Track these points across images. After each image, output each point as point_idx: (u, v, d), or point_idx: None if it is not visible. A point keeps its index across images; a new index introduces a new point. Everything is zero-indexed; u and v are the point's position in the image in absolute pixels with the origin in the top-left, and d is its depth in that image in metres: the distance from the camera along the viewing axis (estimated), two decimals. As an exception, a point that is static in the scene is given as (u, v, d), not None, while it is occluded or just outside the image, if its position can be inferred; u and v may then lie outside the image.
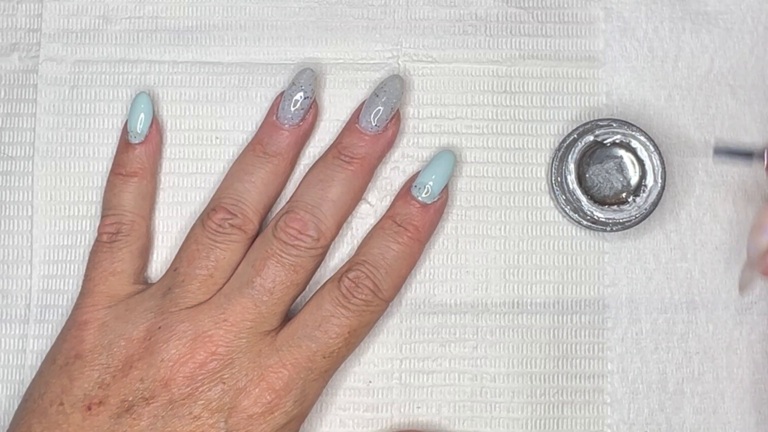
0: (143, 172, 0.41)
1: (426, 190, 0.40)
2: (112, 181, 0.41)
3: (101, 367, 0.38)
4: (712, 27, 0.43)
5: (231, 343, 0.38)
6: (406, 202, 0.40)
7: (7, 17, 0.44)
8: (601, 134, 0.41)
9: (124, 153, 0.41)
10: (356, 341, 0.40)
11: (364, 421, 0.42)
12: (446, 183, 0.41)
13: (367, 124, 0.40)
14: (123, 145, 0.42)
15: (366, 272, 0.39)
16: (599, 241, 0.42)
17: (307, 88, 0.41)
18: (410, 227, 0.40)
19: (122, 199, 0.41)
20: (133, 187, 0.41)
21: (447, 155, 0.41)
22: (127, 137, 0.41)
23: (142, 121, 0.41)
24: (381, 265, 0.39)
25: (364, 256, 0.40)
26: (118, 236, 0.40)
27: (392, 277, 0.40)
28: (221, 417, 0.38)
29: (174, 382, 0.38)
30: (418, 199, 0.40)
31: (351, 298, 0.39)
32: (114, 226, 0.41)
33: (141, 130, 0.41)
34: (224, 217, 0.40)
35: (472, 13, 0.44)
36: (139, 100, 0.41)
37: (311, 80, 0.41)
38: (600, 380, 0.42)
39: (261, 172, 0.40)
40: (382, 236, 0.40)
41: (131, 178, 0.41)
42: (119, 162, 0.41)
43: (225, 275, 0.40)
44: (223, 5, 0.44)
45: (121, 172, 0.41)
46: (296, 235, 0.39)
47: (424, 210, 0.40)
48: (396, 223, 0.40)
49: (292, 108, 0.40)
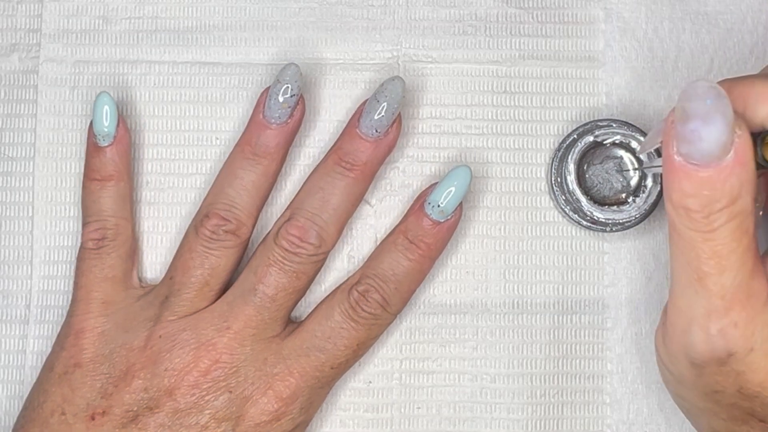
0: (119, 174, 0.40)
1: (439, 208, 0.39)
2: (88, 187, 0.40)
3: (103, 376, 0.38)
4: (712, 27, 0.43)
5: (235, 351, 0.38)
6: (418, 218, 0.40)
7: (7, 17, 0.44)
8: (601, 134, 0.41)
9: (95, 157, 0.40)
10: (363, 352, 0.40)
11: (364, 421, 0.42)
12: (461, 200, 0.39)
13: (368, 129, 0.39)
14: (92, 149, 0.40)
15: (375, 286, 0.39)
16: (599, 241, 0.42)
17: (293, 84, 0.39)
18: (422, 244, 0.39)
19: (102, 205, 0.40)
20: (111, 191, 0.40)
21: (463, 171, 0.39)
22: (95, 140, 0.40)
23: (108, 122, 0.40)
24: (391, 279, 0.39)
25: (374, 270, 0.39)
26: (105, 242, 0.40)
27: (401, 292, 0.40)
28: (229, 426, 0.38)
29: (179, 391, 0.38)
30: (431, 217, 0.39)
31: (360, 311, 0.39)
32: (99, 232, 0.40)
33: (108, 131, 0.40)
34: (217, 223, 0.39)
35: (472, 13, 0.44)
36: (101, 100, 0.40)
37: (297, 76, 0.39)
38: (600, 380, 0.42)
39: (251, 175, 0.40)
40: (393, 251, 0.40)
41: (108, 182, 0.40)
42: (92, 167, 0.40)
43: (221, 282, 0.40)
44: (223, 5, 0.44)
45: (96, 177, 0.40)
46: (298, 242, 0.39)
47: (437, 227, 0.39)
48: (407, 240, 0.40)
49: (278, 106, 0.39)
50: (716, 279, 0.31)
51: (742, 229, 0.30)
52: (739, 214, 0.30)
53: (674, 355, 0.33)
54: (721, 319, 0.31)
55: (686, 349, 0.33)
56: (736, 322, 0.31)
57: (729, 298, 0.31)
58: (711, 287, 0.31)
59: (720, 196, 0.29)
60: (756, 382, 0.32)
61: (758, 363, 0.31)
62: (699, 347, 0.32)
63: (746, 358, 0.31)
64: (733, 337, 0.31)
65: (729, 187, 0.29)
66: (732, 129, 0.29)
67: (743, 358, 0.31)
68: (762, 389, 0.32)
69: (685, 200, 0.30)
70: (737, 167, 0.29)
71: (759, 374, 0.31)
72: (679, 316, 0.33)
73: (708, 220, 0.30)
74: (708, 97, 0.28)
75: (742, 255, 0.30)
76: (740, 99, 0.31)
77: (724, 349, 0.31)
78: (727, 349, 0.31)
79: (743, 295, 0.31)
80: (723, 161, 0.29)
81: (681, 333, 0.33)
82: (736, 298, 0.31)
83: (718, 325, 0.31)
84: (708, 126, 0.28)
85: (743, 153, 0.29)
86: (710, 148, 0.29)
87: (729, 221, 0.30)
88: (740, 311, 0.31)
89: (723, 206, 0.30)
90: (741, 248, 0.30)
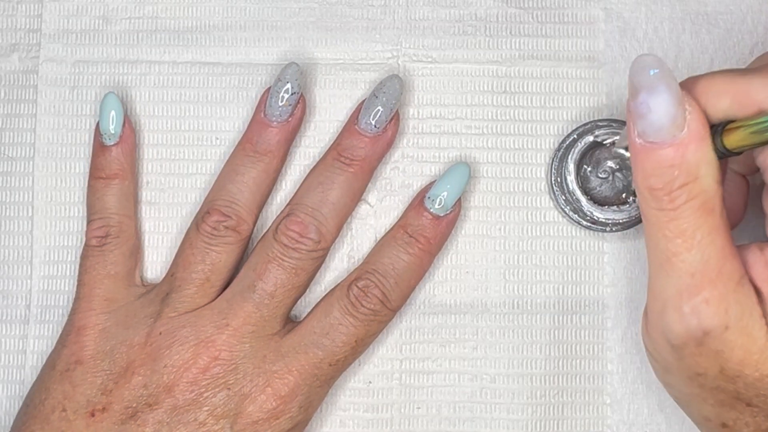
0: (123, 173, 0.41)
1: (439, 202, 0.40)
2: (93, 185, 0.41)
3: (104, 373, 0.38)
4: (712, 27, 0.43)
5: (234, 348, 0.38)
6: (418, 213, 0.40)
7: (7, 17, 0.44)
8: (601, 134, 0.41)
9: (100, 156, 0.41)
10: (362, 350, 0.40)
11: (364, 421, 0.42)
12: (460, 196, 0.40)
13: (367, 125, 0.40)
14: (98, 148, 0.41)
15: (375, 282, 0.39)
16: (599, 241, 0.42)
17: (294, 83, 0.40)
18: (421, 239, 0.40)
19: (106, 202, 0.41)
20: (115, 189, 0.41)
21: (462, 168, 0.40)
22: (101, 140, 0.41)
23: (114, 122, 0.41)
24: (390, 275, 0.39)
25: (374, 265, 0.40)
26: (108, 239, 0.40)
27: (401, 288, 0.40)
28: (227, 423, 0.38)
29: (178, 387, 0.38)
30: (431, 211, 0.40)
31: (359, 306, 0.39)
32: (102, 230, 0.40)
33: (114, 130, 0.41)
34: (218, 219, 0.40)
35: (472, 13, 0.44)
36: (108, 101, 0.41)
37: (297, 74, 0.40)
38: (600, 380, 0.42)
39: (252, 172, 0.40)
40: (392, 246, 0.40)
41: (112, 181, 0.41)
42: (97, 165, 0.41)
43: (222, 278, 0.40)
44: (223, 5, 0.44)
45: (101, 176, 0.41)
46: (297, 238, 0.39)
47: (437, 222, 0.40)
48: (407, 234, 0.40)
49: (279, 104, 0.40)
50: (684, 257, 0.32)
51: (707, 207, 0.31)
52: (701, 192, 0.31)
53: (655, 340, 0.34)
54: (692, 298, 0.32)
55: (664, 332, 0.33)
56: (708, 299, 0.32)
57: (698, 276, 0.32)
58: (679, 265, 0.32)
59: (679, 173, 0.31)
60: (735, 360, 0.32)
61: (735, 341, 0.32)
62: (675, 327, 0.32)
63: (722, 336, 0.32)
64: (706, 314, 0.32)
65: (687, 164, 0.31)
66: (680, 101, 0.31)
67: (719, 336, 0.32)
68: (742, 368, 0.32)
69: (648, 180, 0.32)
70: (692, 143, 0.31)
71: (737, 352, 0.32)
72: (655, 299, 0.33)
73: (670, 197, 0.31)
74: (651, 68, 0.30)
75: (708, 233, 0.31)
76: (702, 94, 0.32)
77: (698, 328, 0.32)
78: (701, 327, 0.32)
79: (713, 272, 0.31)
80: (677, 138, 0.31)
81: (658, 316, 0.33)
82: (705, 275, 0.32)
83: (690, 303, 0.32)
84: (654, 96, 0.30)
85: (697, 129, 0.31)
86: (660, 120, 0.31)
87: (691, 199, 0.31)
88: (711, 289, 0.32)
89: (683, 183, 0.31)
90: (707, 226, 0.31)
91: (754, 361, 0.32)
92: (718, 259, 0.32)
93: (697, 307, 0.32)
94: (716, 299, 0.32)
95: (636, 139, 0.32)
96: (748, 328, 0.32)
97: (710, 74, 0.32)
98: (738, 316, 0.32)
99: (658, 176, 0.31)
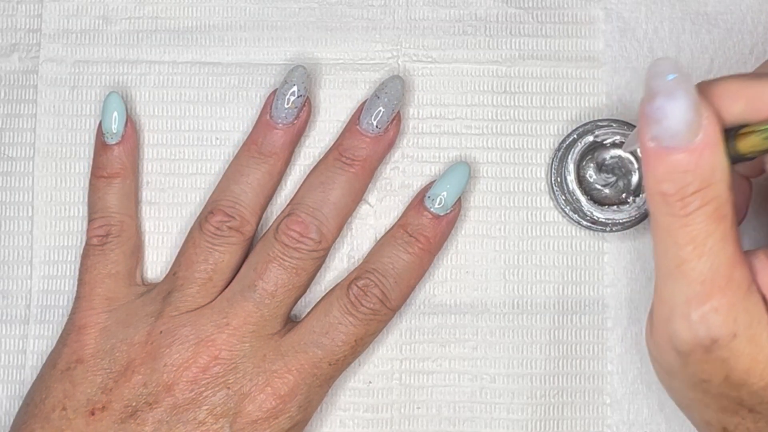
0: (125, 172, 0.41)
1: (439, 202, 0.40)
2: (94, 184, 0.41)
3: (104, 371, 0.38)
4: (712, 27, 0.43)
5: (234, 347, 0.38)
6: (418, 212, 0.40)
7: (7, 17, 0.44)
8: (601, 134, 0.41)
9: (102, 155, 0.41)
10: (361, 349, 0.40)
11: (364, 421, 0.42)
12: (460, 195, 0.40)
13: (368, 125, 0.40)
14: (100, 147, 0.41)
15: (375, 281, 0.39)
16: (599, 241, 0.42)
17: (300, 86, 0.40)
18: (421, 238, 0.40)
19: (108, 201, 0.41)
20: (117, 188, 0.41)
21: (462, 167, 0.40)
22: (103, 139, 0.41)
23: (116, 121, 0.41)
24: (390, 274, 0.39)
25: (374, 264, 0.40)
26: (109, 238, 0.40)
27: (401, 287, 0.40)
28: (226, 422, 0.38)
29: (177, 386, 0.38)
30: (431, 210, 0.40)
31: (359, 306, 0.39)
32: (103, 229, 0.40)
33: (117, 129, 0.41)
34: (222, 219, 0.40)
35: (472, 14, 0.44)
36: (110, 100, 0.41)
37: (304, 77, 0.40)
38: (600, 380, 0.42)
39: (257, 173, 0.40)
40: (392, 245, 0.40)
41: (114, 179, 0.41)
42: (99, 164, 0.41)
43: (224, 278, 0.40)
44: (223, 5, 0.44)
45: (103, 175, 0.41)
46: (298, 238, 0.39)
47: (437, 221, 0.40)
48: (407, 233, 0.40)
49: (285, 106, 0.40)
50: (694, 264, 0.31)
51: (719, 214, 0.31)
52: (713, 199, 0.31)
53: (660, 345, 0.34)
54: (701, 306, 0.31)
55: (671, 338, 0.33)
56: (717, 308, 0.31)
57: (708, 284, 0.31)
58: (690, 273, 0.31)
59: (693, 179, 0.30)
60: (741, 369, 0.32)
61: (742, 349, 0.31)
62: (682, 335, 0.32)
63: (730, 344, 0.31)
64: (715, 322, 0.31)
65: (701, 169, 0.30)
66: (697, 107, 0.30)
67: (727, 344, 0.31)
68: (748, 376, 0.32)
69: (660, 185, 0.31)
70: (707, 149, 0.30)
71: (744, 361, 0.32)
72: (662, 305, 0.33)
73: (683, 203, 0.31)
74: (669, 73, 0.30)
75: (719, 240, 0.31)
76: (716, 98, 0.31)
77: (706, 336, 0.31)
78: (709, 336, 0.31)
79: (723, 280, 0.31)
80: (692, 143, 0.30)
81: (665, 322, 0.33)
82: (715, 283, 0.31)
83: (699, 311, 0.31)
84: (671, 101, 0.30)
85: (712, 135, 0.30)
86: (677, 125, 0.30)
87: (704, 205, 0.31)
88: (720, 297, 0.31)
89: (696, 189, 0.30)
90: (718, 233, 0.31)
91: (760, 370, 0.32)
92: (728, 266, 0.31)
93: (706, 315, 0.31)
94: (725, 308, 0.31)
95: (649, 143, 0.31)
96: (756, 337, 0.31)
97: (724, 78, 0.32)
98: (746, 325, 0.31)
99: (671, 181, 0.31)
